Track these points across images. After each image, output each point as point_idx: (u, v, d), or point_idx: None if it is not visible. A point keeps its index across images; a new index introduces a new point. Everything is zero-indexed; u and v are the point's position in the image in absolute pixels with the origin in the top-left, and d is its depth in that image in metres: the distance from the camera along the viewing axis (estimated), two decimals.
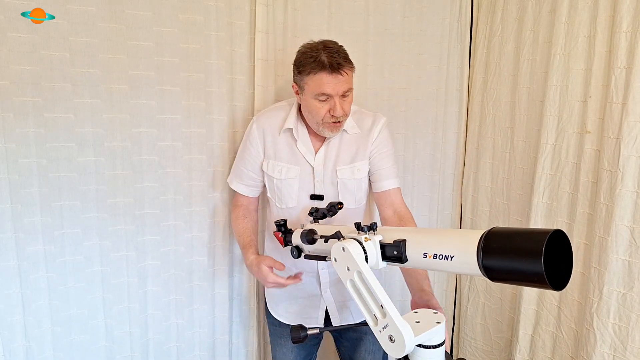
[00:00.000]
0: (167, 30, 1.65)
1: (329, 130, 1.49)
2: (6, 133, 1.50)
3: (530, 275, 0.81)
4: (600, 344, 1.49)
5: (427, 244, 0.98)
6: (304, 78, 1.44)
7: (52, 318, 1.64)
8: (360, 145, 1.58)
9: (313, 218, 1.34)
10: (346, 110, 1.46)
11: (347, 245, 1.02)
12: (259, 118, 1.61)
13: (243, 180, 1.65)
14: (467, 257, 0.89)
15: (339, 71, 1.40)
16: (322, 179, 1.56)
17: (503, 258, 0.85)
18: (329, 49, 1.42)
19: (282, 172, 1.56)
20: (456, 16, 2.07)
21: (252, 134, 1.59)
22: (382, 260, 1.05)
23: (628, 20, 1.41)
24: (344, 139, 1.58)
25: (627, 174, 1.41)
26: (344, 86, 1.42)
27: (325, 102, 1.43)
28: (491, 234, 0.87)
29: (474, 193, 2.14)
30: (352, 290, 1.04)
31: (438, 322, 1.05)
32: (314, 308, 1.66)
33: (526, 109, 1.84)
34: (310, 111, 1.47)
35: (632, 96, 1.38)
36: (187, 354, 1.88)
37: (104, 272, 1.70)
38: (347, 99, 1.46)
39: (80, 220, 1.64)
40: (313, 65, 1.40)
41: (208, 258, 1.85)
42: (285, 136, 1.57)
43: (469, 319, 2.19)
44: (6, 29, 1.45)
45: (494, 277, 0.87)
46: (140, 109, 1.66)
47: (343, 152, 1.57)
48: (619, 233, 1.43)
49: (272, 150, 1.57)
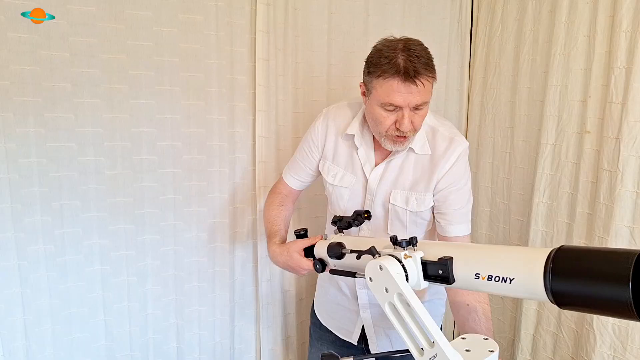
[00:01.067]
0: (167, 30, 1.65)
1: (391, 143, 1.27)
2: (6, 133, 1.50)
3: (612, 303, 0.70)
4: (600, 344, 1.49)
5: (480, 263, 0.85)
6: (373, 80, 1.21)
7: (52, 317, 1.65)
8: (425, 173, 1.33)
9: (337, 227, 1.24)
10: (416, 126, 1.24)
11: (385, 263, 0.90)
12: (329, 112, 1.43)
13: (298, 174, 1.51)
14: (532, 279, 0.77)
15: (415, 80, 1.15)
16: (373, 197, 1.37)
17: (578, 282, 0.73)
18: (410, 50, 1.17)
19: (336, 178, 1.41)
20: (456, 16, 2.07)
21: (315, 130, 1.43)
22: (424, 279, 0.93)
23: (628, 20, 1.41)
24: (409, 159, 1.34)
25: (626, 174, 1.41)
26: (418, 98, 1.18)
27: (393, 113, 1.21)
28: (561, 253, 0.76)
29: (474, 193, 2.13)
30: (392, 315, 0.92)
31: (491, 350, 0.92)
32: (351, 323, 1.53)
33: (526, 109, 1.84)
34: (374, 119, 1.25)
35: (632, 96, 1.38)
36: (187, 355, 1.89)
37: (103, 271, 1.70)
38: (419, 113, 1.22)
39: (80, 219, 1.64)
40: (386, 67, 1.16)
41: (208, 259, 1.85)
42: (346, 141, 1.40)
43: None
44: (6, 29, 1.46)
45: (562, 303, 0.76)
46: (140, 109, 1.66)
47: (405, 173, 1.35)
48: (618, 233, 1.43)
49: (331, 151, 1.41)
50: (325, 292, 1.58)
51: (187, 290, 1.84)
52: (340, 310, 1.56)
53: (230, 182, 1.83)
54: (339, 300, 1.54)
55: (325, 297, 1.59)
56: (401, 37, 1.22)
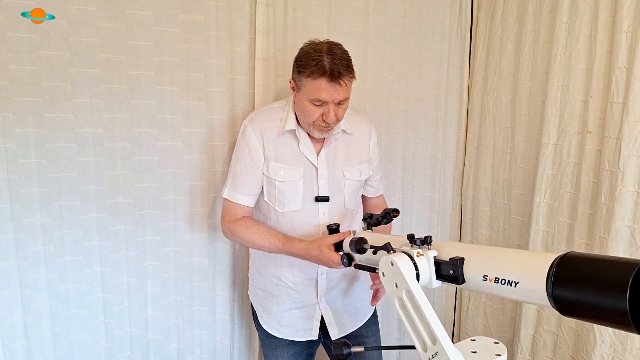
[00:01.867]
0: (167, 30, 1.64)
1: (318, 132, 1.47)
2: (6, 133, 1.50)
3: (609, 313, 0.69)
4: (600, 344, 1.49)
5: (489, 266, 0.86)
6: (302, 79, 1.41)
7: (52, 318, 1.64)
8: (361, 149, 1.60)
9: (366, 225, 1.29)
10: (339, 117, 1.45)
11: (396, 259, 0.93)
12: (253, 120, 1.54)
13: (248, 189, 1.54)
14: (535, 284, 0.77)
15: (339, 81, 1.37)
16: (326, 180, 1.53)
17: (578, 289, 0.73)
18: (333, 54, 1.37)
19: (285, 175, 1.50)
20: (456, 16, 2.07)
21: (249, 137, 1.51)
22: (437, 279, 0.95)
23: (629, 20, 1.41)
24: (344, 140, 1.57)
25: (627, 174, 1.41)
26: (341, 95, 1.40)
27: (320, 107, 1.41)
28: (566, 259, 0.75)
29: (475, 193, 2.14)
30: (400, 310, 0.94)
31: (498, 354, 0.92)
32: (308, 319, 1.62)
33: (527, 109, 1.84)
34: (304, 112, 1.44)
35: (633, 96, 1.39)
36: (188, 356, 1.88)
37: (103, 272, 1.70)
38: (342, 107, 1.44)
39: (80, 220, 1.64)
40: (314, 69, 1.36)
41: (208, 259, 1.85)
42: (286, 137, 1.52)
43: (470, 319, 2.19)
44: (6, 29, 1.45)
45: (565, 311, 0.75)
46: (140, 109, 1.65)
47: (346, 153, 1.57)
48: (619, 233, 1.43)
49: (272, 152, 1.51)
50: (274, 303, 1.61)
51: (187, 291, 1.84)
52: (293, 312, 1.61)
53: None
54: (292, 303, 1.60)
55: (273, 307, 1.62)
56: (324, 40, 1.43)
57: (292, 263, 1.55)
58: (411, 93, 2.06)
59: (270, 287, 1.62)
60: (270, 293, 1.62)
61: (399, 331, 2.25)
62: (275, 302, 1.61)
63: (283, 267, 1.57)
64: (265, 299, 1.64)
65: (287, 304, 1.60)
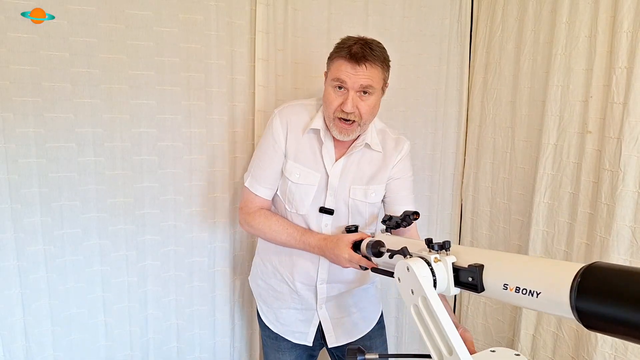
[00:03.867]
0: (167, 30, 1.64)
1: (337, 129, 1.38)
2: (6, 133, 1.50)
3: (633, 329, 0.65)
4: (601, 343, 1.49)
5: (509, 274, 0.83)
6: (329, 64, 1.38)
7: (52, 318, 1.64)
8: (380, 167, 1.48)
9: (385, 227, 1.25)
10: (362, 111, 1.35)
11: (412, 264, 0.89)
12: (283, 111, 1.47)
13: (268, 182, 1.48)
14: (557, 295, 0.73)
15: (360, 62, 1.30)
16: (334, 193, 1.45)
17: (604, 302, 0.68)
18: (365, 41, 1.34)
19: (300, 177, 1.44)
20: (456, 16, 2.07)
21: (276, 129, 1.44)
22: (455, 286, 0.91)
23: (629, 20, 1.41)
24: (366, 156, 1.47)
25: (628, 174, 1.41)
26: (363, 80, 1.31)
27: (340, 95, 1.34)
28: (592, 270, 0.71)
29: (474, 193, 2.14)
30: (416, 317, 0.91)
31: None
32: (305, 323, 1.58)
33: (527, 109, 1.84)
34: (325, 99, 1.38)
35: (633, 96, 1.38)
36: (188, 355, 1.88)
37: (103, 271, 1.70)
38: (365, 100, 1.35)
39: (80, 220, 1.64)
40: (339, 51, 1.34)
41: (208, 259, 1.85)
42: (309, 137, 1.45)
43: (470, 319, 2.18)
44: (6, 29, 1.45)
45: (590, 325, 0.71)
46: (140, 109, 1.65)
47: (362, 169, 1.47)
48: (620, 233, 1.43)
49: (293, 149, 1.44)
50: (274, 298, 1.59)
51: (187, 290, 1.84)
52: (292, 312, 1.58)
53: (231, 182, 1.83)
54: (293, 302, 1.57)
55: (275, 302, 1.59)
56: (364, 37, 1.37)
57: (295, 267, 1.52)
58: (411, 93, 2.06)
59: (273, 281, 1.58)
60: (272, 287, 1.59)
61: (396, 330, 2.25)
62: (276, 297, 1.59)
63: (286, 268, 1.54)
64: (265, 292, 1.61)
65: (287, 302, 1.58)
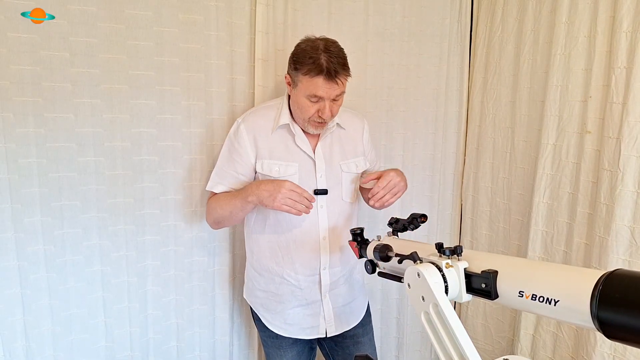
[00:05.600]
0: (167, 30, 1.64)
1: (313, 128, 1.51)
2: (6, 133, 1.50)
3: None
4: (600, 344, 1.49)
5: (525, 280, 0.80)
6: (299, 76, 1.44)
7: (52, 318, 1.64)
8: (355, 143, 1.65)
9: (392, 230, 1.25)
10: (334, 113, 1.50)
11: (423, 270, 0.87)
12: (247, 119, 1.57)
13: (230, 183, 1.58)
14: (577, 304, 0.70)
15: (335, 79, 1.41)
16: (324, 173, 1.56)
17: (628, 311, 0.65)
18: (330, 52, 1.41)
19: (280, 171, 1.53)
20: (456, 16, 2.07)
21: (241, 136, 1.54)
22: (467, 292, 0.89)
23: (628, 20, 1.41)
24: (338, 134, 1.61)
25: (627, 174, 1.41)
26: (337, 91, 1.44)
27: (316, 103, 1.45)
28: (614, 277, 0.68)
29: (474, 193, 2.14)
30: (427, 325, 0.88)
31: None
32: (314, 317, 1.61)
33: (527, 108, 1.84)
34: (300, 108, 1.48)
35: (633, 96, 1.38)
36: (187, 354, 1.88)
37: (104, 271, 1.70)
38: (337, 102, 1.48)
39: (80, 220, 1.64)
40: (311, 67, 1.40)
41: (208, 258, 1.85)
42: (280, 133, 1.54)
43: (469, 319, 2.19)
44: (6, 29, 1.45)
45: (612, 335, 0.68)
46: (140, 109, 1.66)
47: (341, 147, 1.61)
48: (619, 233, 1.43)
49: (265, 150, 1.54)
50: (277, 302, 1.61)
51: (187, 290, 1.84)
52: (297, 310, 1.61)
53: None
54: (295, 300, 1.59)
55: (277, 306, 1.62)
56: (321, 37, 1.47)
57: (295, 261, 1.56)
58: (411, 93, 2.07)
59: (272, 287, 1.61)
60: (273, 293, 1.62)
61: (397, 330, 2.25)
62: (279, 300, 1.61)
63: (286, 265, 1.57)
64: (267, 300, 1.64)
65: (291, 302, 1.60)
